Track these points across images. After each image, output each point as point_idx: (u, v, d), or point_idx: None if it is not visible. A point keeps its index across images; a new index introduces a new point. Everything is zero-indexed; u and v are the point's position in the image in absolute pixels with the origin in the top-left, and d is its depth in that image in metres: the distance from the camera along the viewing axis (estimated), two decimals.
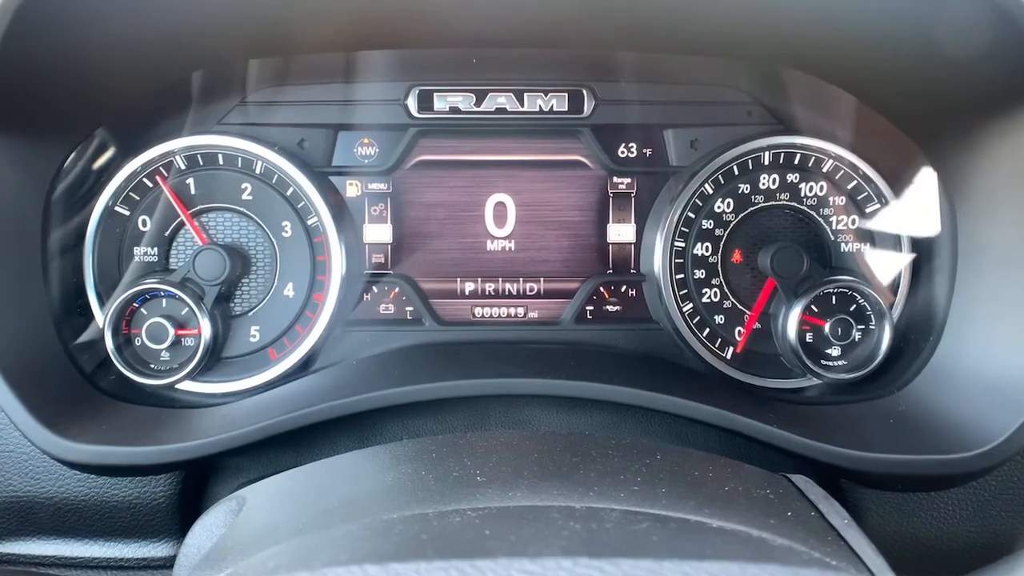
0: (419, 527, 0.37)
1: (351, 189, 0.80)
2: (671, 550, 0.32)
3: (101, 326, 0.75)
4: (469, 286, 0.81)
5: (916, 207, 0.76)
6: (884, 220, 0.78)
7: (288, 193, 0.77)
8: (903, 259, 0.78)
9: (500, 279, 0.81)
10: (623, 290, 0.81)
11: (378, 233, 0.80)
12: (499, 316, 0.81)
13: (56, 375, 0.70)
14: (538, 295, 0.81)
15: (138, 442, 0.66)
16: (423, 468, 0.49)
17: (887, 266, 0.78)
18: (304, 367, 0.78)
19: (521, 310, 0.81)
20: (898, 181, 0.77)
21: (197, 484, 0.72)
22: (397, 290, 0.80)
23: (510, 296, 0.81)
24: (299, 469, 0.55)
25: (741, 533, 0.38)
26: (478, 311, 0.81)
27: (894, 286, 0.78)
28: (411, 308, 0.81)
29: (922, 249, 0.77)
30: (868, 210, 0.78)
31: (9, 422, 0.68)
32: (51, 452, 0.64)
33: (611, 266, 0.81)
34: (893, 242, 0.78)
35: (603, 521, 0.37)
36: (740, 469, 0.54)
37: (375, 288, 0.80)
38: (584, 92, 0.79)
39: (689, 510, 0.43)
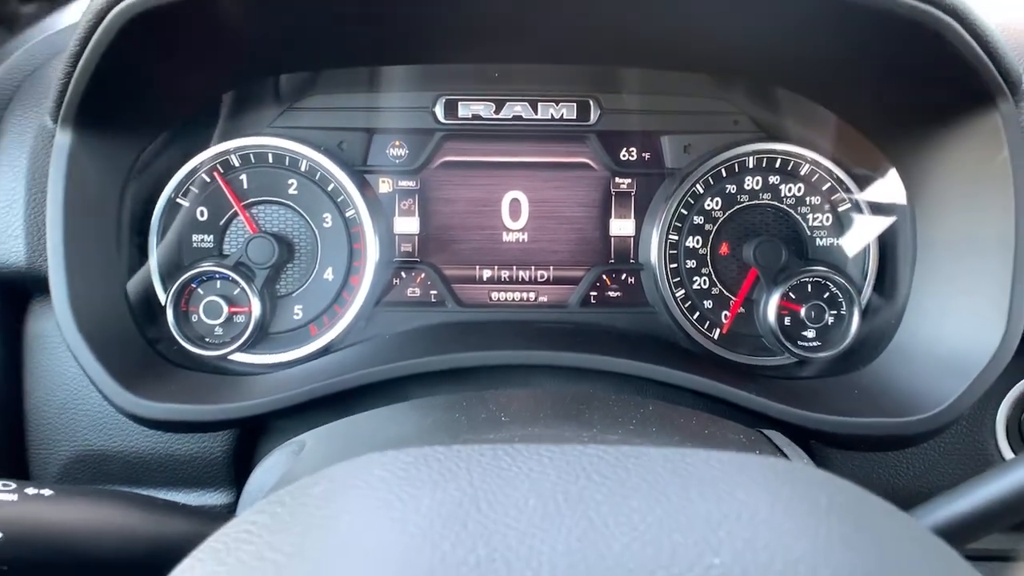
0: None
1: (383, 186, 0.90)
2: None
3: (163, 303, 0.85)
4: (487, 273, 0.91)
5: (881, 206, 0.86)
6: (853, 217, 0.88)
7: (329, 188, 0.87)
8: (870, 251, 0.88)
9: (514, 267, 0.91)
10: (623, 278, 0.91)
11: (407, 225, 0.90)
12: (513, 300, 0.91)
13: (128, 344, 0.80)
14: (548, 281, 0.91)
15: (198, 402, 0.76)
16: (457, 412, 0.59)
17: (856, 258, 0.88)
18: (341, 342, 0.88)
19: (532, 294, 0.91)
20: (866, 182, 0.87)
21: (248, 442, 0.82)
22: (423, 275, 0.90)
23: (523, 282, 0.91)
24: (351, 417, 0.65)
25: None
26: (494, 295, 0.91)
27: (862, 275, 0.88)
28: (435, 292, 0.91)
29: (886, 243, 0.86)
30: (840, 209, 0.88)
31: (86, 385, 0.78)
32: (126, 409, 0.74)
33: (613, 257, 0.91)
34: (861, 236, 0.88)
35: (607, 440, 0.47)
36: (721, 421, 0.64)
37: (404, 274, 0.90)
38: (591, 102, 0.89)
39: (675, 443, 0.53)
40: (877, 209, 0.86)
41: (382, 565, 0.30)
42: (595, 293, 0.91)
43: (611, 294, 0.91)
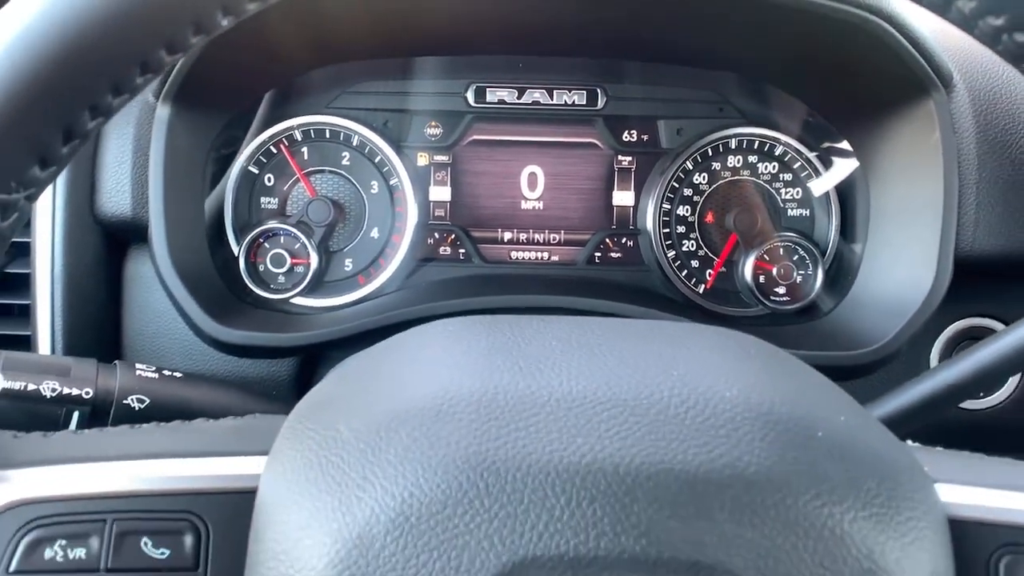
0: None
1: (421, 159, 1.05)
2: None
3: (236, 254, 1.01)
4: (507, 235, 1.07)
5: (842, 181, 1.02)
6: (819, 191, 1.04)
7: (376, 160, 1.03)
8: (833, 220, 1.03)
9: (531, 230, 1.07)
10: (623, 241, 1.07)
11: (441, 193, 1.06)
12: (529, 258, 1.07)
13: (210, 285, 0.96)
14: (559, 243, 1.07)
15: (268, 332, 0.92)
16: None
17: (821, 226, 1.04)
18: (385, 289, 1.04)
19: (546, 254, 1.07)
20: (829, 162, 1.03)
21: (308, 370, 0.99)
22: (453, 236, 1.06)
23: (538, 243, 1.07)
24: None
25: None
26: (514, 254, 1.07)
27: (826, 240, 1.04)
28: (463, 250, 1.06)
29: (846, 212, 1.02)
30: (808, 184, 1.04)
31: (175, 317, 0.94)
32: (211, 335, 0.89)
33: (614, 223, 1.06)
34: (825, 208, 1.04)
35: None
36: None
37: (437, 234, 1.06)
38: (598, 91, 1.04)
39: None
40: (838, 184, 1.02)
41: (454, 372, 0.45)
42: (599, 254, 1.06)
43: (612, 255, 1.07)
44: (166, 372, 0.69)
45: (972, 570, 0.44)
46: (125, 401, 0.64)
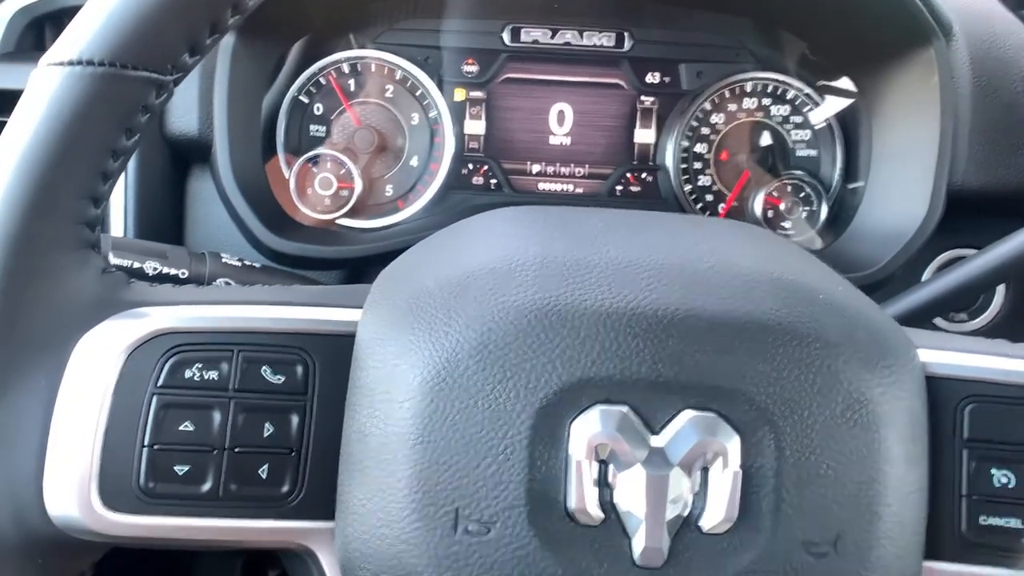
0: None
1: (458, 94, 1.13)
2: None
3: (286, 177, 1.09)
4: (536, 167, 1.15)
5: (847, 123, 1.10)
6: (826, 133, 1.12)
7: (417, 94, 1.11)
8: (837, 159, 1.12)
9: (557, 163, 1.15)
10: (643, 176, 1.15)
11: (475, 127, 1.14)
12: (555, 190, 1.15)
13: (266, 202, 1.05)
14: (584, 176, 1.15)
15: (319, 246, 1.01)
16: None
17: (826, 165, 1.13)
18: (423, 215, 1.13)
19: (571, 186, 1.16)
20: (837, 104, 1.11)
21: (355, 281, 1.08)
22: (486, 167, 1.15)
23: (564, 176, 1.15)
24: None
25: None
26: (541, 185, 1.16)
27: (830, 178, 1.12)
28: (495, 180, 1.15)
29: (850, 152, 1.11)
30: (816, 127, 1.12)
31: (233, 231, 1.02)
32: (268, 246, 0.98)
33: (636, 159, 1.14)
34: (831, 148, 1.12)
35: None
36: None
37: (471, 165, 1.14)
38: (625, 33, 1.12)
39: None
40: (844, 126, 1.11)
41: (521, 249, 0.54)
42: (620, 187, 1.15)
43: (632, 188, 1.15)
44: (247, 262, 0.78)
45: (942, 414, 0.53)
46: (215, 283, 0.73)
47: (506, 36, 1.12)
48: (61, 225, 0.48)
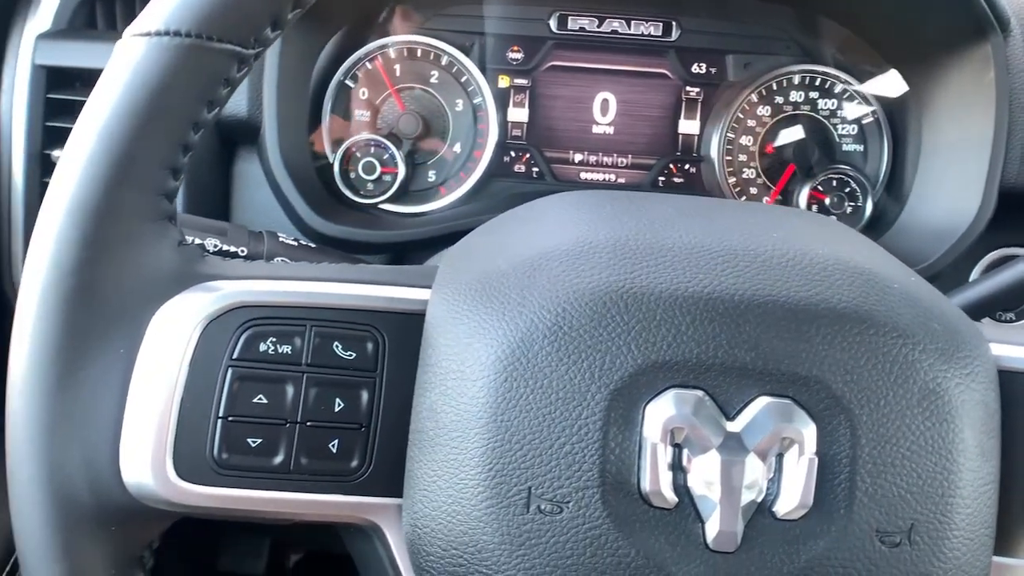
0: None
1: (502, 81, 1.13)
2: None
3: (331, 161, 1.10)
4: (578, 157, 1.15)
5: (895, 118, 1.09)
6: (873, 128, 1.11)
7: (462, 80, 1.11)
8: (885, 155, 1.11)
9: (600, 153, 1.15)
10: (686, 168, 1.15)
11: (519, 115, 1.14)
12: (597, 179, 1.15)
13: (311, 185, 1.05)
14: (626, 167, 1.15)
15: (364, 229, 1.01)
16: None
17: (873, 160, 1.12)
18: (465, 201, 1.13)
19: (613, 176, 1.15)
20: (886, 99, 1.10)
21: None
22: (528, 155, 1.14)
23: (606, 166, 1.15)
24: None
25: None
26: (583, 175, 1.15)
27: (877, 174, 1.11)
28: (537, 169, 1.15)
29: (897, 148, 1.10)
30: (864, 122, 1.12)
31: (278, 212, 1.03)
32: (313, 228, 0.98)
33: (679, 150, 1.14)
34: (878, 143, 1.11)
35: None
36: None
37: (513, 152, 1.14)
38: (673, 23, 1.11)
39: None
40: (892, 120, 1.10)
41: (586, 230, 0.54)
42: (663, 178, 1.14)
43: (675, 180, 1.15)
44: (302, 241, 0.78)
45: (1015, 410, 0.53)
46: (272, 261, 0.73)
47: (553, 23, 1.12)
48: (142, 196, 0.49)
